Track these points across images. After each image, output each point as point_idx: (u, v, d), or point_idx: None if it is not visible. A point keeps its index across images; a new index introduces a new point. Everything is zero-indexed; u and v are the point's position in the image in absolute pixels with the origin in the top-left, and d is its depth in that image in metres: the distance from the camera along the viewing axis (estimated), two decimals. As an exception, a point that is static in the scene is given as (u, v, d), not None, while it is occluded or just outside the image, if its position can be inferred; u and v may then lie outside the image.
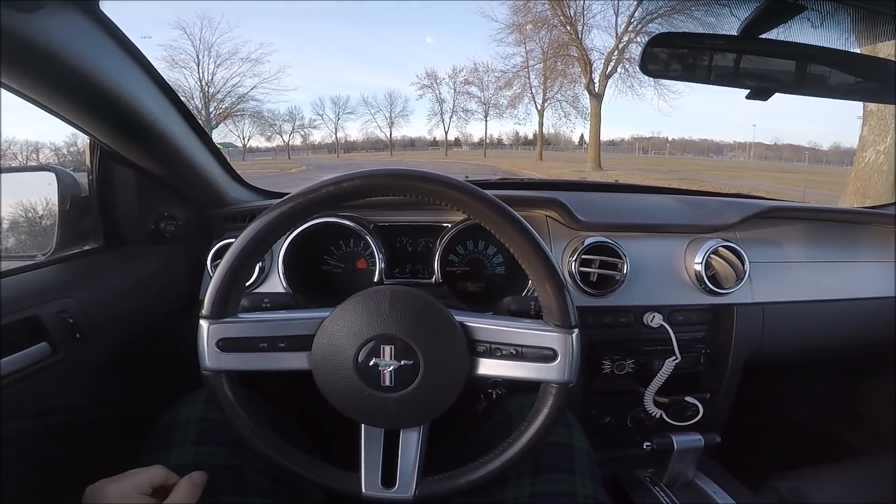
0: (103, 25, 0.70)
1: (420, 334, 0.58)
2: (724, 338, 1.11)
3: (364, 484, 0.62)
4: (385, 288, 0.60)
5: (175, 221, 1.02)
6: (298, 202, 0.56)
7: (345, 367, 0.58)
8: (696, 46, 0.78)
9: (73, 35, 0.64)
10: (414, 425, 0.62)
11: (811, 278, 1.14)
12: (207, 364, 0.59)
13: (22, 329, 0.70)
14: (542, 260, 0.56)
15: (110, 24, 0.71)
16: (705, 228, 1.09)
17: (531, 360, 0.58)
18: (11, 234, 0.98)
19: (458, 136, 41.43)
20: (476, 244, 1.12)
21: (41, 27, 0.59)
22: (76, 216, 0.92)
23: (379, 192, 0.57)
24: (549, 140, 32.84)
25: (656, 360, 1.04)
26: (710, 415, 1.10)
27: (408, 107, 37.74)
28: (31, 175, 0.99)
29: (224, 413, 0.60)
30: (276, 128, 33.28)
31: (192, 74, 22.61)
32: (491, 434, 0.74)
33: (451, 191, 0.56)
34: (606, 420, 1.15)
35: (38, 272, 0.82)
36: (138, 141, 0.87)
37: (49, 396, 0.74)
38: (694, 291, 1.06)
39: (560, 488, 0.66)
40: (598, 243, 1.01)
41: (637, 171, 18.01)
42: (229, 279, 0.57)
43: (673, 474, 1.07)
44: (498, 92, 26.63)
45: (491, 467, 0.60)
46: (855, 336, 1.19)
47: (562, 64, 20.95)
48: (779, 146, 40.33)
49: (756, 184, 14.02)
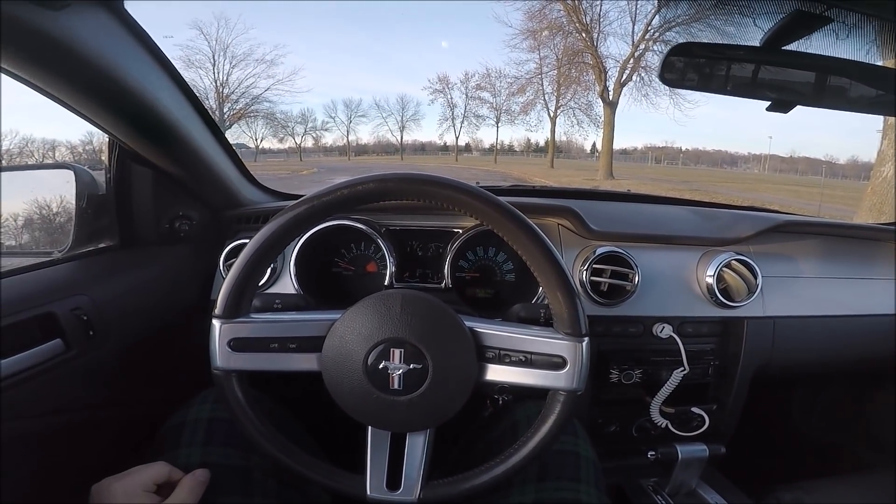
0: (127, 25, 0.71)
1: (430, 339, 0.58)
2: (733, 350, 1.10)
3: (369, 486, 0.62)
4: (396, 292, 0.61)
5: (189, 221, 1.03)
6: (313, 205, 0.56)
7: (354, 370, 0.58)
8: (717, 57, 0.78)
9: (98, 33, 0.65)
10: (421, 429, 0.62)
11: (823, 293, 1.12)
12: (218, 363, 0.59)
13: (37, 325, 0.71)
14: (554, 268, 0.56)
15: (134, 23, 0.72)
16: (718, 241, 1.09)
17: (540, 368, 0.58)
18: (28, 231, 0.99)
19: (468, 142, 41.62)
20: (486, 250, 1.12)
21: (67, 25, 0.60)
22: (93, 214, 0.94)
23: (392, 196, 0.57)
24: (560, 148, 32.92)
25: (664, 371, 1.03)
26: (716, 425, 1.09)
27: (419, 111, 38.03)
28: (50, 173, 1.00)
29: (232, 413, 0.61)
30: (289, 129, 33.62)
31: (208, 75, 22.92)
32: (497, 440, 0.74)
33: (463, 196, 0.56)
34: (612, 429, 1.15)
35: (54, 269, 0.83)
36: (157, 140, 0.88)
37: (61, 394, 0.75)
38: (705, 304, 1.05)
39: (565, 496, 0.66)
40: (609, 253, 1.00)
41: (649, 180, 17.94)
42: (243, 279, 0.58)
43: (676, 484, 1.07)
44: (510, 98, 26.73)
45: (496, 472, 0.60)
46: (865, 352, 1.18)
47: (576, 71, 20.92)
48: (794, 159, 40.11)
49: (770, 196, 13.91)
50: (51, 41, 0.59)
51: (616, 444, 1.14)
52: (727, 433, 1.16)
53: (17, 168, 1.03)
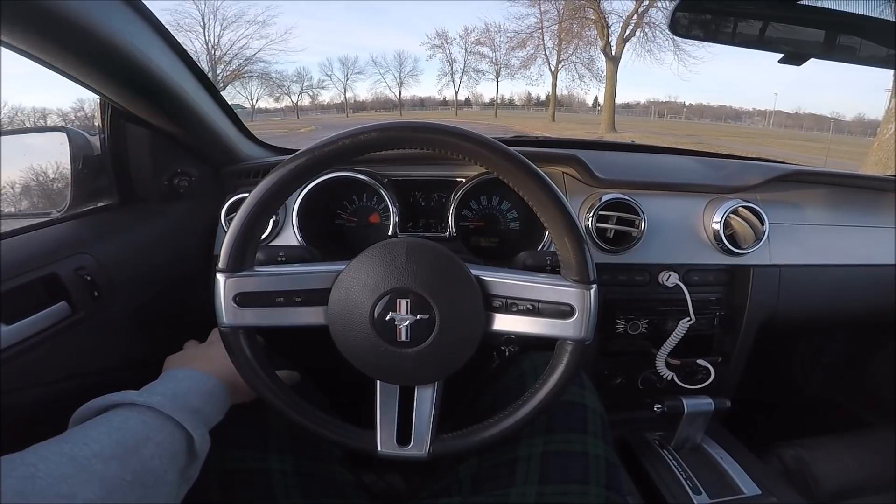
0: None
1: (436, 288, 0.57)
2: (739, 300, 1.10)
3: (380, 441, 0.62)
4: (401, 240, 0.59)
5: (189, 178, 1.02)
6: (315, 155, 0.55)
7: (361, 322, 0.58)
8: (730, 10, 0.75)
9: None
10: (429, 381, 0.62)
11: (829, 242, 1.12)
12: (225, 321, 0.58)
13: (42, 287, 0.69)
14: (562, 213, 0.55)
15: None
16: (726, 189, 1.07)
17: (548, 316, 0.58)
18: (24, 195, 0.98)
19: (468, 97, 41.06)
20: (490, 199, 1.10)
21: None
22: (89, 175, 0.92)
23: (395, 144, 0.55)
24: (562, 101, 32.44)
25: (670, 321, 1.03)
26: (721, 379, 1.10)
27: (418, 67, 37.58)
28: (42, 136, 0.99)
29: (242, 370, 0.60)
30: (285, 89, 33.16)
31: (199, 38, 22.41)
32: (504, 392, 0.74)
33: (469, 144, 0.54)
34: (618, 381, 1.16)
35: (54, 228, 0.81)
36: (149, 99, 0.86)
37: (72, 359, 0.74)
38: (711, 251, 1.05)
39: (572, 448, 0.66)
40: (615, 199, 0.99)
41: (652, 133, 17.71)
42: (245, 232, 0.57)
43: (681, 438, 1.08)
44: (510, 53, 26.28)
45: (505, 425, 0.60)
46: (871, 303, 1.18)
47: (578, 26, 20.45)
48: (800, 115, 39.47)
49: (775, 150, 13.72)
50: (32, 3, 0.57)
51: (622, 397, 1.16)
52: (732, 387, 1.17)
53: (8, 132, 1.00)
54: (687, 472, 1.01)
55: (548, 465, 0.64)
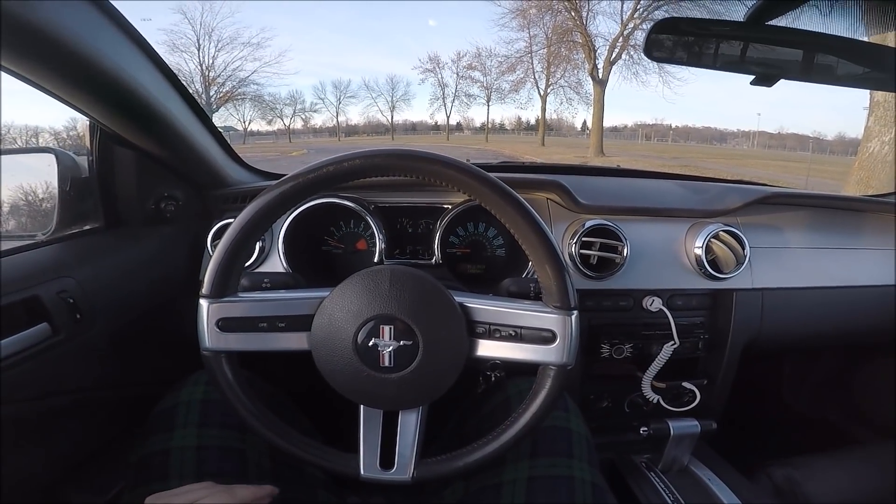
0: (101, 7, 0.69)
1: (419, 314, 0.58)
2: (722, 323, 1.10)
3: (363, 465, 0.62)
4: (385, 267, 0.60)
5: (175, 202, 1.02)
6: (300, 181, 0.56)
7: (344, 348, 0.58)
8: (701, 32, 0.77)
9: (71, 16, 0.64)
10: (413, 406, 0.62)
11: (811, 264, 1.13)
12: (207, 344, 0.59)
13: (22, 309, 0.69)
14: (542, 241, 0.56)
15: (108, 5, 0.70)
16: (707, 213, 1.09)
17: (530, 342, 0.58)
18: (12, 216, 0.97)
19: (459, 121, 41.33)
20: (476, 226, 1.11)
21: (39, 8, 0.58)
22: (76, 197, 0.92)
23: (380, 171, 0.56)
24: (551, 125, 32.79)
25: (655, 345, 1.04)
26: (707, 401, 1.10)
27: (410, 91, 37.78)
28: (31, 157, 0.98)
29: (223, 394, 0.60)
30: (277, 111, 33.27)
31: (193, 59, 22.56)
32: (489, 417, 0.75)
33: (451, 171, 0.55)
34: (604, 405, 1.16)
35: (38, 251, 0.81)
36: (138, 122, 0.86)
37: (50, 379, 0.74)
38: (694, 276, 1.06)
39: (558, 472, 0.66)
40: (598, 226, 1.00)
41: (640, 157, 17.97)
42: (229, 257, 0.57)
43: (668, 460, 1.08)
44: (501, 77, 26.58)
45: (489, 449, 0.61)
46: (854, 323, 1.19)
47: (566, 49, 20.80)
48: (783, 135, 40.12)
49: (759, 172, 13.94)
50: (24, 25, 0.58)
51: (609, 420, 1.16)
52: (718, 409, 1.18)
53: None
54: (674, 494, 1.01)
55: (533, 489, 0.64)
